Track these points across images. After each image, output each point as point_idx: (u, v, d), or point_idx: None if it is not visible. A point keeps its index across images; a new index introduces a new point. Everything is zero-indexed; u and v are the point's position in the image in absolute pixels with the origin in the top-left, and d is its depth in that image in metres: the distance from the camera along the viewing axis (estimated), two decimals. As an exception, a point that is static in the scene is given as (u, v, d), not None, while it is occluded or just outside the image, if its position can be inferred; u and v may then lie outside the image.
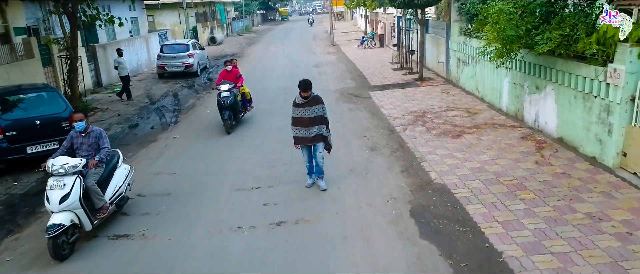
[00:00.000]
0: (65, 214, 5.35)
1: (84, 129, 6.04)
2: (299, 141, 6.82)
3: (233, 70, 10.99)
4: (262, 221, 6.11)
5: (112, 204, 6.09)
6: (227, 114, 10.21)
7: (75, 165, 5.56)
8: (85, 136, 6.07)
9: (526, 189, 6.41)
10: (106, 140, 6.12)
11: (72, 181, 5.46)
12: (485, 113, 10.53)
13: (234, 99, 10.23)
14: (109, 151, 6.11)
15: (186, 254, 5.42)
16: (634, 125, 6.38)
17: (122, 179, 6.41)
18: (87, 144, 6.05)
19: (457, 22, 13.67)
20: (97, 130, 6.16)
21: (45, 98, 8.86)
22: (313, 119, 6.67)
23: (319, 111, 6.72)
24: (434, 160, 7.83)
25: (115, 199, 6.21)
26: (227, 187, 7.36)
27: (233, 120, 10.52)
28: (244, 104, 11.27)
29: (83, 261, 5.41)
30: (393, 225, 5.82)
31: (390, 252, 5.21)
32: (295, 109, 6.76)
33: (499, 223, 5.57)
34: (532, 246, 5.01)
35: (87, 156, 5.93)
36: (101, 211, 5.84)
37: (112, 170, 6.32)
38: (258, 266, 5.11)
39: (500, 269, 4.68)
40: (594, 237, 5.07)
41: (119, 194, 6.28)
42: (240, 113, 10.92)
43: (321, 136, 6.78)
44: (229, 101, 10.12)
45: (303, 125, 6.71)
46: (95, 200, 5.79)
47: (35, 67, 13.37)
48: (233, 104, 10.24)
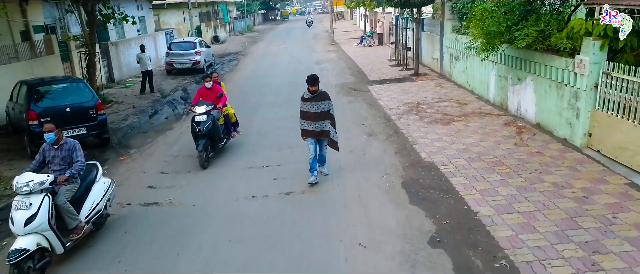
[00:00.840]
0: (31, 237, 4.80)
1: (55, 141, 5.49)
2: (305, 134, 7.19)
3: (213, 87, 8.82)
4: (273, 191, 7.04)
5: (88, 223, 5.55)
6: (203, 143, 8.03)
7: (42, 182, 4.98)
8: (58, 148, 5.54)
9: (503, 165, 7.33)
10: (80, 153, 5.57)
11: (39, 200, 4.90)
12: (473, 104, 11.45)
13: (212, 124, 8.11)
14: (82, 165, 5.52)
15: (209, 218, 6.34)
16: (597, 109, 7.30)
17: (100, 194, 5.88)
18: (59, 158, 5.52)
19: (449, 21, 14.60)
20: (71, 142, 5.62)
21: (74, 88, 9.77)
22: (319, 114, 7.05)
23: (325, 106, 7.08)
24: (425, 143, 8.75)
25: (93, 217, 5.68)
26: (240, 166, 8.29)
27: (210, 151, 8.37)
28: (228, 128, 9.14)
29: (121, 223, 6.32)
30: (386, 194, 6.73)
31: (383, 214, 6.13)
32: (303, 103, 7.13)
33: (477, 190, 6.49)
34: (503, 207, 5.94)
35: (59, 171, 5.44)
36: (75, 231, 5.31)
37: (89, 185, 5.80)
38: (270, 225, 6.02)
39: (475, 225, 5.60)
40: (555, 200, 6.00)
41: (97, 211, 5.75)
42: (221, 141, 8.68)
43: (326, 132, 7.13)
44: (206, 127, 8.00)
45: (310, 119, 7.08)
46: (67, 220, 5.26)
47: (56, 63, 14.30)
48: (211, 131, 8.12)
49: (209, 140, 8.25)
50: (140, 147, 9.91)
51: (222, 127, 8.82)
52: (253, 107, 12.92)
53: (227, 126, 9.13)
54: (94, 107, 9.52)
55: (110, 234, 6.03)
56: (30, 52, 13.88)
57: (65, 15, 16.76)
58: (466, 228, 5.56)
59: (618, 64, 6.80)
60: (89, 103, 9.53)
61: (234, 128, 9.42)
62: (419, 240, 5.41)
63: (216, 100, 8.68)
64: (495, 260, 4.86)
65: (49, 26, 16.13)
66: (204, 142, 8.09)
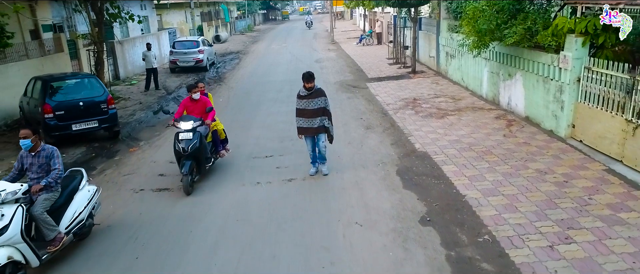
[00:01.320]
0: (2, 250, 4.50)
1: (32, 147, 5.20)
2: (302, 131, 7.26)
3: (201, 99, 7.66)
4: (276, 178, 7.53)
5: (69, 234, 5.27)
6: (189, 166, 6.86)
7: (14, 192, 4.72)
8: (35, 155, 5.24)
9: (492, 154, 7.82)
10: (58, 160, 5.25)
11: (12, 211, 4.63)
12: (467, 99, 11.95)
13: (199, 142, 6.99)
14: (59, 174, 5.19)
15: (217, 201, 6.82)
16: (580, 101, 7.79)
17: (83, 203, 5.60)
18: (36, 165, 5.24)
19: (445, 20, 15.09)
20: (49, 149, 5.30)
21: (86, 84, 10.27)
22: (316, 111, 7.11)
23: (322, 103, 7.13)
24: (419, 135, 9.24)
25: (74, 227, 5.38)
26: (245, 155, 8.78)
27: (196, 173, 7.25)
28: (216, 146, 7.97)
29: (135, 207, 6.81)
30: (382, 180, 7.22)
31: (378, 198, 6.62)
32: (299, 100, 7.17)
33: (466, 176, 6.99)
34: (489, 190, 6.43)
35: (37, 179, 5.17)
36: (53, 243, 5.03)
37: (71, 193, 5.51)
38: (274, 207, 6.51)
39: (462, 206, 6.09)
40: (538, 184, 6.49)
41: (79, 221, 5.45)
42: (208, 161, 7.56)
43: (324, 128, 7.21)
44: (191, 146, 6.89)
45: (306, 116, 7.13)
46: (44, 231, 4.97)
47: (65, 60, 14.80)
48: (198, 151, 7.01)
49: (195, 161, 7.06)
50: (149, 139, 10.40)
51: (209, 146, 7.66)
52: (255, 103, 13.42)
53: (216, 144, 7.96)
54: (105, 102, 10.01)
55: (126, 216, 6.53)
56: (39, 51, 14.38)
57: (72, 15, 17.26)
58: (454, 209, 6.05)
59: (598, 59, 7.29)
60: (101, 98, 10.02)
61: (222, 146, 8.20)
62: (410, 219, 5.90)
63: (204, 114, 7.53)
64: (479, 235, 5.35)
65: (57, 25, 16.63)
66: (189, 164, 6.86)
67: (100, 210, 6.25)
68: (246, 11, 57.27)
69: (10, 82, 11.99)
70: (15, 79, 12.15)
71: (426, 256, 5.07)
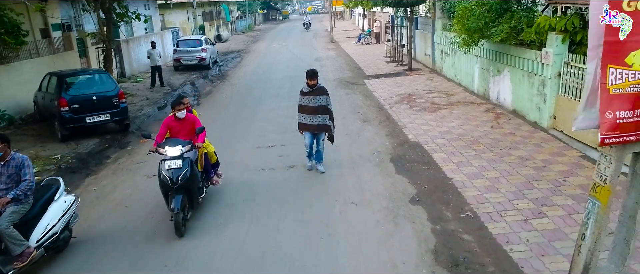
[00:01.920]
0: None
1: (1, 157, 4.93)
2: (302, 127, 7.43)
3: (188, 117, 6.35)
4: (278, 165, 8.14)
5: (40, 248, 4.94)
6: (180, 201, 5.62)
7: None
8: (4, 165, 4.96)
9: (479, 143, 8.43)
10: (29, 170, 4.98)
11: None
12: (459, 94, 12.55)
13: (190, 171, 5.78)
14: (30, 185, 4.91)
15: (225, 184, 7.40)
16: (560, 94, 8.39)
17: (58, 215, 5.21)
18: (5, 176, 4.95)
19: (440, 19, 15.69)
20: (19, 158, 5.02)
21: (99, 79, 10.88)
22: (317, 108, 7.27)
23: (323, 101, 7.27)
24: (413, 127, 9.84)
25: (46, 241, 5.03)
26: (250, 145, 9.38)
27: (189, 209, 6.00)
28: (207, 173, 6.66)
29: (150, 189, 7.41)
30: (377, 167, 7.82)
31: (373, 181, 7.21)
32: (302, 97, 7.34)
33: (454, 163, 7.59)
34: (473, 174, 7.03)
35: (6, 190, 4.90)
36: (20, 258, 4.71)
37: (46, 204, 5.19)
38: (277, 189, 7.10)
39: (448, 188, 6.69)
40: (518, 168, 7.09)
41: (52, 234, 5.10)
42: (200, 192, 6.29)
43: (325, 126, 7.34)
44: (181, 176, 5.68)
45: (307, 112, 7.31)
46: (10, 246, 4.67)
47: (74, 58, 15.41)
48: (188, 182, 5.78)
49: (187, 194, 5.80)
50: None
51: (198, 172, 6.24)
52: (258, 99, 14.02)
53: (207, 170, 6.60)
54: (117, 96, 10.61)
55: (143, 197, 7.13)
56: (49, 49, 14.98)
57: (79, 14, 17.86)
58: (441, 190, 6.65)
59: (576, 54, 7.89)
60: (112, 92, 10.62)
61: (214, 171, 6.80)
62: (401, 199, 6.50)
63: (193, 136, 6.16)
64: (462, 212, 5.96)
65: (65, 24, 17.22)
66: (180, 198, 5.60)
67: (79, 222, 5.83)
68: (247, 11, 57.85)
69: (24, 78, 12.58)
70: (29, 76, 12.75)
71: (414, 229, 5.67)
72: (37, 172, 8.41)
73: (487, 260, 4.91)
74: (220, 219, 6.25)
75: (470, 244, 5.25)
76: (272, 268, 5.05)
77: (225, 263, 5.19)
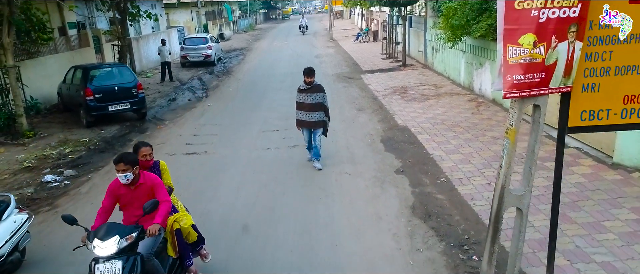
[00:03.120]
0: None
1: None
2: (300, 124, 7.74)
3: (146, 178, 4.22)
4: (282, 145, 9.28)
5: None
6: None
7: None
8: None
9: (459, 126, 9.57)
10: None
11: None
12: (447, 87, 13.70)
13: (141, 269, 3.75)
14: None
15: (236, 160, 8.56)
16: (531, 83, 9.53)
17: (4, 237, 4.73)
18: None
19: (431, 18, 16.83)
20: None
21: (119, 72, 12.03)
22: (314, 105, 7.54)
23: (320, 98, 7.55)
24: (402, 114, 10.98)
25: None
26: (256, 130, 10.53)
27: None
28: (183, 259, 4.47)
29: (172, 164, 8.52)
30: (368, 146, 8.96)
31: (364, 157, 8.36)
32: (299, 94, 7.61)
33: (435, 142, 8.73)
34: (451, 150, 8.18)
35: None
36: None
37: None
38: (282, 164, 8.24)
39: (429, 161, 7.84)
40: (489, 146, 8.24)
41: None
42: None
43: (322, 122, 7.67)
44: None
45: (305, 109, 7.56)
46: None
47: (90, 54, 16.56)
48: None
49: None
50: (173, 119, 12.15)
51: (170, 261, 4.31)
52: (262, 91, 15.16)
53: (183, 255, 4.46)
54: (135, 87, 11.75)
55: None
56: (66, 46, 16.11)
57: (93, 13, 19.00)
58: (422, 163, 7.80)
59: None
60: (132, 83, 11.76)
61: (196, 251, 4.74)
62: (388, 170, 7.64)
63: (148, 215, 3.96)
64: (438, 178, 7.10)
65: (80, 23, 18.35)
66: None
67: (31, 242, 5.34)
68: (248, 10, 59.01)
69: (48, 72, 13.71)
70: (52, 70, 13.88)
71: (397, 192, 6.81)
72: (69, 152, 9.57)
73: (454, 212, 6.06)
74: (234, 184, 7.40)
75: (442, 201, 6.39)
76: (280, 219, 6.18)
77: (240, 216, 6.33)
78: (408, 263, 5.03)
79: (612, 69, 3.57)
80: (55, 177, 8.10)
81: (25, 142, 10.16)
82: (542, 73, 3.48)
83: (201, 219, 6.24)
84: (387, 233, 5.68)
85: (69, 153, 9.50)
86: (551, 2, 3.26)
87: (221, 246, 5.47)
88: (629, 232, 5.23)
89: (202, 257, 4.84)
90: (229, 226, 6.03)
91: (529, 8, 3.33)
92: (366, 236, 5.62)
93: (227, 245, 5.55)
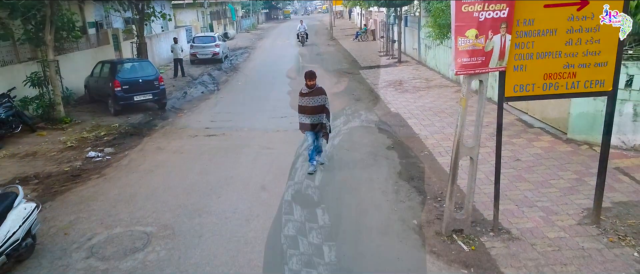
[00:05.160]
0: None
1: None
2: (304, 127, 7.78)
3: None
4: (290, 128, 10.68)
5: (1, 255, 4.95)
6: None
7: None
8: None
9: (444, 112, 10.98)
10: None
11: None
12: (438, 80, 15.10)
13: None
14: None
15: (251, 139, 9.96)
16: (506, 74, 10.93)
17: (17, 222, 5.22)
18: None
19: (424, 17, 18.22)
20: None
21: (142, 66, 13.44)
22: (316, 108, 7.63)
23: (321, 100, 7.60)
24: (395, 103, 12.39)
25: (8, 248, 5.05)
26: (267, 116, 11.94)
27: None
28: None
29: (195, 143, 9.94)
30: (364, 128, 10.37)
31: (361, 136, 9.76)
32: (301, 98, 7.61)
33: (422, 124, 10.14)
34: (435, 131, 9.58)
35: None
36: None
37: (4, 213, 5.19)
38: (290, 142, 9.63)
39: (416, 139, 9.24)
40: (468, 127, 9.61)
41: (13, 242, 5.11)
42: None
43: (324, 124, 7.74)
44: None
45: (307, 113, 7.64)
46: None
47: (110, 51, 17.97)
48: None
49: None
50: (190, 109, 13.56)
51: None
52: (269, 84, 16.58)
53: None
54: (157, 79, 13.15)
55: (192, 147, 9.65)
56: (86, 43, 17.50)
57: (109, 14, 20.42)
58: (410, 141, 9.21)
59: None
60: (154, 77, 13.17)
61: None
62: (381, 146, 9.05)
63: None
64: (422, 152, 8.50)
65: (98, 23, 19.77)
66: None
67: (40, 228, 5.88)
68: (250, 10, 60.42)
69: (75, 66, 15.10)
70: (78, 65, 15.27)
71: (387, 162, 8.21)
72: (104, 135, 10.97)
73: (432, 176, 7.46)
74: (251, 156, 8.81)
75: (424, 168, 7.80)
76: (290, 183, 7.58)
77: (258, 179, 7.71)
78: (392, 209, 6.44)
79: (534, 55, 4.97)
80: (98, 153, 9.50)
81: (64, 126, 11.56)
82: (483, 57, 4.89)
83: (226, 182, 7.67)
84: (377, 190, 7.08)
85: (104, 136, 10.90)
86: (487, 5, 4.66)
87: (245, 199, 6.88)
88: (568, 187, 6.65)
89: None
90: (250, 186, 7.44)
91: (472, 10, 4.73)
92: (360, 193, 7.03)
93: (250, 199, 6.95)
